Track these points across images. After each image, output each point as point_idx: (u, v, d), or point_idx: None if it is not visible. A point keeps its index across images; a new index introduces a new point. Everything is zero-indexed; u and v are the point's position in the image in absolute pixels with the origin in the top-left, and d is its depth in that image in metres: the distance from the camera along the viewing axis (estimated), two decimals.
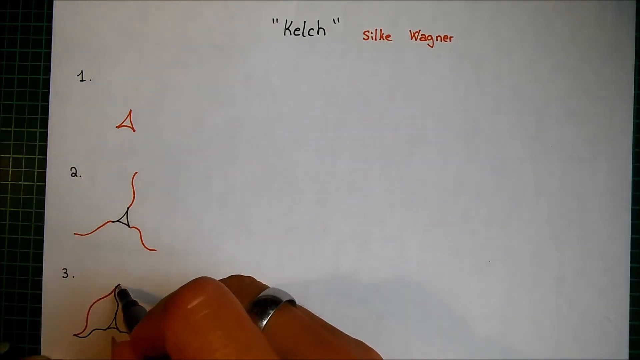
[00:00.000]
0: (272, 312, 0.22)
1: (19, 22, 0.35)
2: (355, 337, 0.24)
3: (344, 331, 0.24)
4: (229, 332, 0.18)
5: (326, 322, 0.25)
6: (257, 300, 0.23)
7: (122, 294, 0.32)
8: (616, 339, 0.33)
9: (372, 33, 0.34)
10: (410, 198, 0.34)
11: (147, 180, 0.34)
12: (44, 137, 0.35)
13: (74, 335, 0.34)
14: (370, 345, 0.24)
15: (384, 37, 0.34)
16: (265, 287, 0.26)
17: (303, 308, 0.26)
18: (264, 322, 0.22)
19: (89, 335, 0.34)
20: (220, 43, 0.34)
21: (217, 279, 0.21)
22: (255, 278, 0.29)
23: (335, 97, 0.34)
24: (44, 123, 0.35)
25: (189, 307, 0.19)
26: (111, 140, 0.34)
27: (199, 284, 0.20)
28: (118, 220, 0.34)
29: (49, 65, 0.35)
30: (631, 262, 0.33)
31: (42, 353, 0.34)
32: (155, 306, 0.21)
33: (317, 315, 0.27)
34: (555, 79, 0.34)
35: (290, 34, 0.34)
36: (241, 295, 0.22)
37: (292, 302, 0.25)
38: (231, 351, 0.18)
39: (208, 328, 0.18)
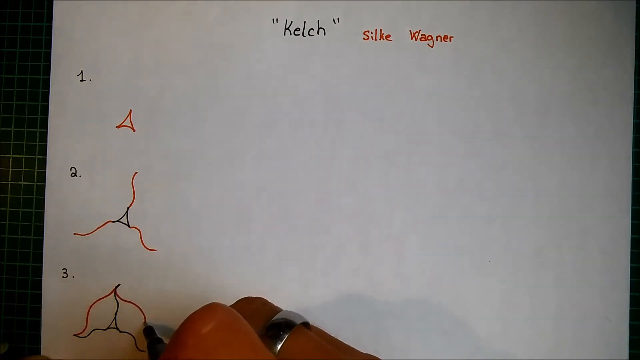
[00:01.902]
0: (286, 335, 0.22)
1: (19, 22, 0.35)
2: (367, 353, 0.24)
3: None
4: (241, 357, 0.18)
5: (340, 342, 0.25)
6: (271, 324, 0.23)
7: (148, 331, 0.32)
8: (616, 339, 0.33)
9: (372, 33, 0.34)
10: (410, 198, 0.34)
11: (147, 180, 0.34)
12: (44, 137, 0.35)
13: (74, 335, 0.34)
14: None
15: (384, 37, 0.34)
16: (277, 309, 0.26)
17: (317, 329, 0.26)
18: (279, 346, 0.22)
19: (89, 335, 0.34)
20: (220, 43, 0.34)
21: (228, 305, 0.21)
22: (267, 300, 0.28)
23: (335, 97, 0.34)
24: (44, 123, 0.35)
25: (200, 334, 0.19)
26: (111, 140, 0.34)
27: (209, 310, 0.19)
28: (118, 220, 0.34)
29: (49, 65, 0.35)
30: (631, 262, 0.33)
31: (42, 353, 0.34)
32: (171, 337, 0.21)
33: (328, 332, 0.27)
34: (555, 79, 0.34)
35: (290, 34, 0.34)
36: (253, 319, 0.22)
37: (305, 324, 0.25)
38: None
39: (221, 354, 0.18)
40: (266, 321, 0.23)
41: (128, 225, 0.34)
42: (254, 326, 0.20)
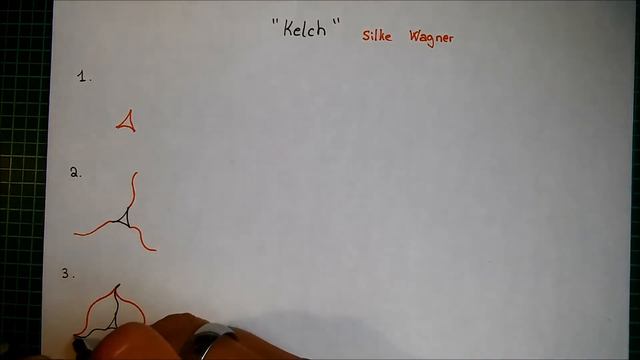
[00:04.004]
0: (208, 348, 0.23)
1: (19, 22, 0.35)
2: (302, 357, 0.24)
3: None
4: None
5: (271, 346, 0.26)
6: (194, 337, 0.24)
7: (77, 345, 0.32)
8: (616, 339, 0.33)
9: (372, 33, 0.34)
10: (410, 198, 0.34)
11: (147, 180, 0.34)
12: (44, 137, 0.35)
13: (74, 335, 0.34)
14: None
15: (384, 37, 0.34)
16: (203, 322, 0.27)
17: (249, 335, 0.27)
18: (202, 358, 0.23)
19: (89, 335, 0.34)
20: (220, 43, 0.34)
21: (149, 324, 0.21)
22: (194, 315, 0.28)
23: (335, 97, 0.34)
24: (44, 123, 0.35)
25: (112, 356, 0.19)
26: (111, 140, 0.34)
27: (123, 332, 0.20)
28: (118, 220, 0.34)
29: (49, 65, 0.35)
30: (631, 262, 0.33)
31: (42, 353, 0.34)
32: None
33: (258, 337, 0.27)
34: (555, 79, 0.34)
35: (290, 34, 0.34)
36: (177, 336, 0.23)
37: (231, 334, 0.25)
38: None
39: None
40: (190, 335, 0.24)
41: (128, 225, 0.34)
42: (179, 342, 0.21)
